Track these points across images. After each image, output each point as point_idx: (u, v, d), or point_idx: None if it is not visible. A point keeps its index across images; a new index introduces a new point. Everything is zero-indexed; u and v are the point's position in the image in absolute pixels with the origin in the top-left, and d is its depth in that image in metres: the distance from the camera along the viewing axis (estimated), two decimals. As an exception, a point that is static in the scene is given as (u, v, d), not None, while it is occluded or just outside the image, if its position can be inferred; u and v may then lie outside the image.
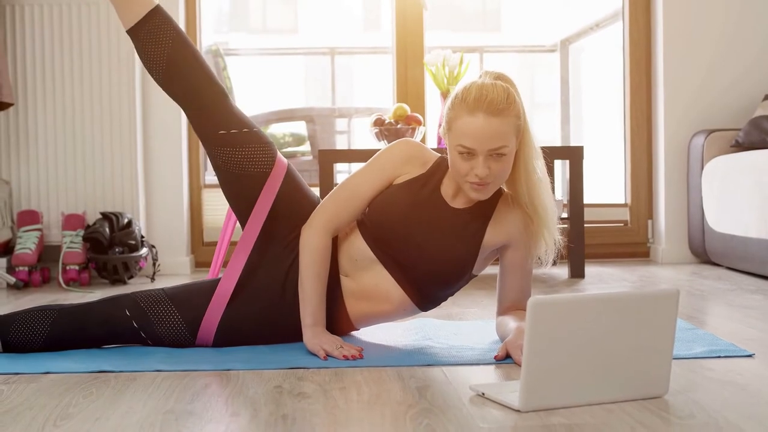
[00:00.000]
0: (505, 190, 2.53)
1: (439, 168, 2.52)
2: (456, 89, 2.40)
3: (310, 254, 2.46)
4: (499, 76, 2.39)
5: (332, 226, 2.50)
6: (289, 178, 2.62)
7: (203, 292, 2.53)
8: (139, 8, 2.58)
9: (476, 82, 2.37)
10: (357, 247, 2.52)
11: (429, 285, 2.51)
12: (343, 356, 2.33)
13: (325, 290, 2.47)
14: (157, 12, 2.59)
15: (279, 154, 2.64)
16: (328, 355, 2.35)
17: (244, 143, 2.58)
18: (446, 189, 2.50)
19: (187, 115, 2.63)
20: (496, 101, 2.32)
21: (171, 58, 2.56)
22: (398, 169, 2.52)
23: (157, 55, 2.57)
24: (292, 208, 2.59)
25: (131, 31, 2.60)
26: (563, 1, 7.95)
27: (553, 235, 2.47)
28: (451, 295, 2.59)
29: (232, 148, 2.58)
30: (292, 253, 2.54)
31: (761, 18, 4.78)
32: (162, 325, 2.48)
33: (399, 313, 2.57)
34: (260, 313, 2.52)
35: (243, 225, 2.61)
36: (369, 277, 2.51)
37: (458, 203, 2.50)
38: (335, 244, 2.55)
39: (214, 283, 2.55)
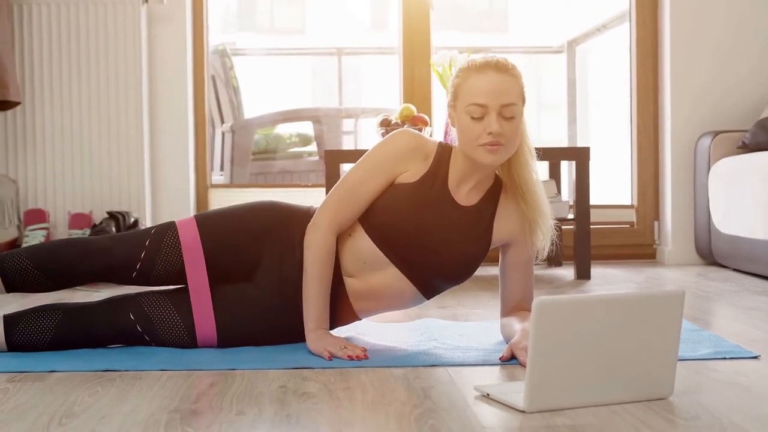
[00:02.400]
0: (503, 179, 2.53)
1: (442, 158, 2.49)
2: (458, 65, 2.46)
3: (313, 255, 2.45)
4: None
5: (336, 225, 2.48)
6: (204, 224, 2.55)
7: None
8: None
9: (476, 56, 2.44)
10: (364, 249, 2.49)
11: (440, 281, 2.52)
12: (348, 356, 2.33)
13: (329, 292, 2.46)
14: (2, 263, 2.53)
15: (179, 222, 2.57)
16: (332, 356, 2.35)
17: (153, 257, 2.51)
18: (453, 182, 2.48)
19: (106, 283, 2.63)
20: (502, 62, 2.39)
21: (42, 270, 2.52)
22: (400, 165, 2.48)
23: (33, 279, 2.53)
24: (231, 238, 2.54)
25: (9, 291, 2.56)
26: (570, 2, 7.95)
27: (546, 221, 2.48)
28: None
29: (153, 271, 2.52)
30: (286, 253, 2.52)
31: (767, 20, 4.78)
32: (164, 329, 2.48)
33: (407, 305, 2.59)
34: (261, 316, 2.51)
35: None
36: (380, 278, 2.50)
37: (465, 198, 2.49)
38: (336, 245, 2.53)
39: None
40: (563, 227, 3.75)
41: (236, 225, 2.56)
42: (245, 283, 2.52)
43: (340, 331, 2.66)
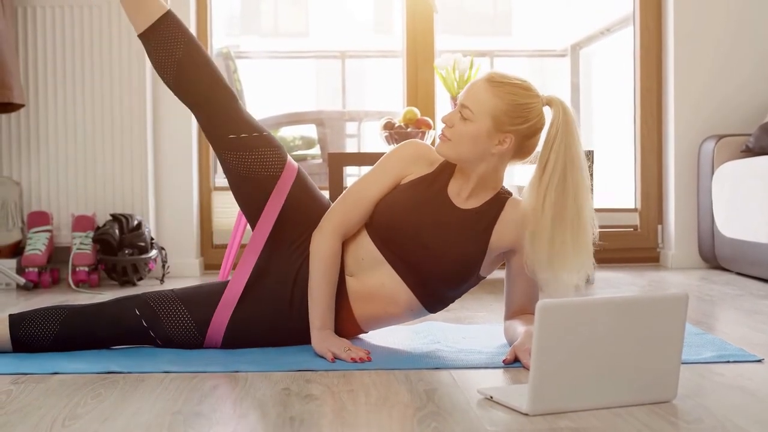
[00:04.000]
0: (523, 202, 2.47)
1: (447, 167, 2.53)
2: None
3: (319, 258, 2.47)
4: (525, 81, 2.45)
5: (342, 230, 2.51)
6: (300, 181, 2.63)
7: (213, 293, 2.54)
8: (151, 13, 2.59)
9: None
10: (363, 247, 2.52)
11: (436, 284, 2.50)
12: (351, 359, 2.33)
13: (335, 294, 2.48)
14: (168, 17, 2.60)
15: (289, 158, 2.65)
16: (336, 358, 2.35)
17: (254, 147, 2.59)
18: (453, 188, 2.51)
19: (197, 119, 2.65)
20: (498, 76, 2.43)
21: (181, 63, 2.59)
22: (405, 169, 2.54)
23: (168, 61, 2.59)
24: (302, 211, 2.59)
25: (143, 36, 2.61)
26: (574, 6, 7.95)
27: (580, 261, 2.42)
28: (459, 296, 2.59)
29: (242, 152, 2.59)
30: (300, 256, 2.55)
31: (772, 23, 4.78)
32: (172, 325, 2.49)
33: (406, 314, 2.56)
34: (269, 316, 2.53)
35: (253, 228, 2.62)
36: (375, 277, 2.51)
37: (464, 203, 2.50)
38: (342, 244, 2.55)
39: (223, 285, 2.56)
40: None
41: (315, 204, 2.63)
42: (261, 282, 2.54)
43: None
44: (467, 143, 2.42)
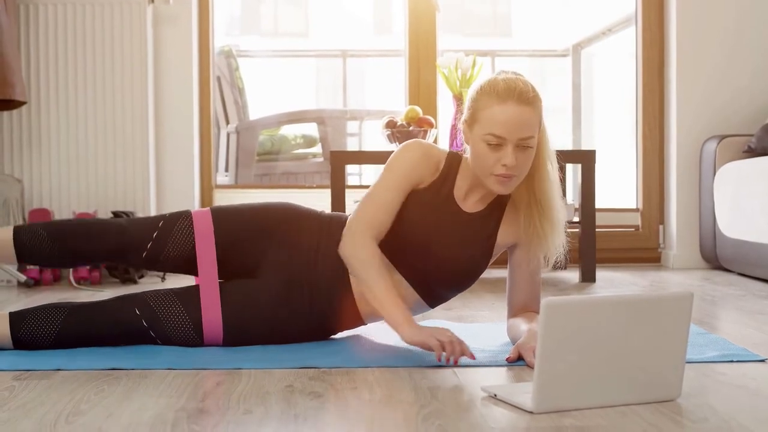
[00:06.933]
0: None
1: (451, 169, 2.51)
2: (479, 83, 2.41)
3: (362, 266, 2.39)
4: (517, 74, 2.41)
5: (373, 231, 2.43)
6: (219, 216, 2.57)
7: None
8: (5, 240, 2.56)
9: (499, 76, 2.38)
10: None
11: (443, 287, 2.51)
12: (454, 360, 2.24)
13: (395, 290, 2.39)
14: (18, 230, 2.56)
15: (195, 212, 2.59)
16: (442, 345, 2.23)
17: (165, 242, 2.54)
18: (459, 191, 2.50)
19: (117, 263, 2.65)
20: (525, 91, 2.34)
21: (56, 244, 2.54)
22: (415, 175, 2.47)
23: (48, 251, 2.54)
24: (240, 233, 2.55)
25: (19, 260, 2.59)
26: (576, 6, 7.95)
27: (558, 237, 2.46)
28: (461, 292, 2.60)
29: (163, 253, 2.54)
30: (295, 255, 2.52)
31: (775, 24, 4.78)
32: (171, 325, 2.48)
33: (410, 311, 2.56)
34: (266, 315, 2.51)
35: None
36: None
37: (471, 206, 2.50)
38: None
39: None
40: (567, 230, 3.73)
41: (249, 219, 2.58)
42: (252, 280, 2.52)
43: (343, 335, 2.66)
44: (528, 165, 2.39)
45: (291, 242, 2.54)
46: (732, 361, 2.33)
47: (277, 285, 2.51)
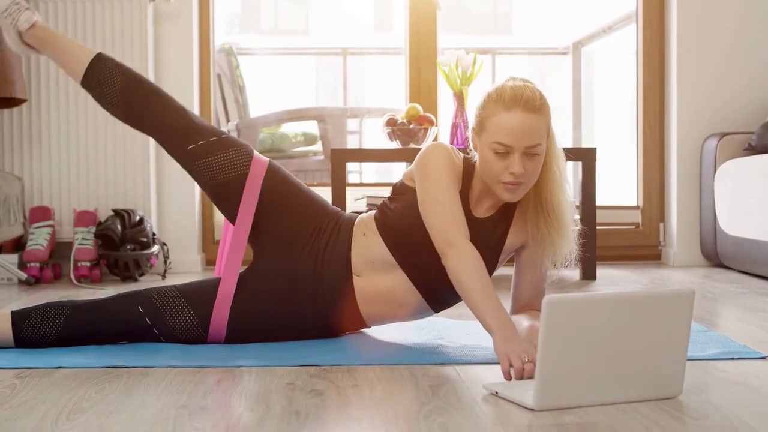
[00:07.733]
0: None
1: (467, 176, 2.49)
2: (486, 91, 2.39)
3: (467, 274, 2.30)
4: (526, 80, 2.40)
5: (465, 232, 2.37)
6: (273, 174, 2.61)
7: (212, 289, 2.53)
8: (82, 61, 2.70)
9: (507, 83, 2.37)
10: (375, 249, 2.50)
11: (449, 291, 2.48)
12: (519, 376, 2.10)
13: (495, 296, 2.28)
14: (99, 59, 2.69)
15: (257, 154, 2.64)
16: (511, 367, 2.06)
17: (215, 150, 2.60)
18: (473, 197, 2.49)
19: (159, 143, 2.70)
20: (532, 99, 2.33)
21: (124, 92, 2.65)
22: (453, 165, 2.44)
23: (110, 94, 2.66)
24: (282, 204, 2.58)
25: (83, 84, 2.70)
26: (576, 4, 7.95)
27: (566, 244, 2.45)
28: None
29: (205, 159, 2.60)
30: (295, 249, 2.53)
31: (775, 21, 4.78)
32: (175, 321, 2.48)
33: (413, 315, 2.57)
34: (270, 311, 2.52)
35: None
36: (386, 281, 2.50)
37: (481, 212, 2.49)
38: (348, 242, 2.53)
39: (219, 281, 2.55)
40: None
41: (294, 194, 2.62)
42: (256, 279, 2.54)
43: (346, 338, 2.65)
44: (537, 174, 2.39)
45: (305, 236, 2.56)
46: (733, 359, 2.33)
47: (281, 284, 2.52)
